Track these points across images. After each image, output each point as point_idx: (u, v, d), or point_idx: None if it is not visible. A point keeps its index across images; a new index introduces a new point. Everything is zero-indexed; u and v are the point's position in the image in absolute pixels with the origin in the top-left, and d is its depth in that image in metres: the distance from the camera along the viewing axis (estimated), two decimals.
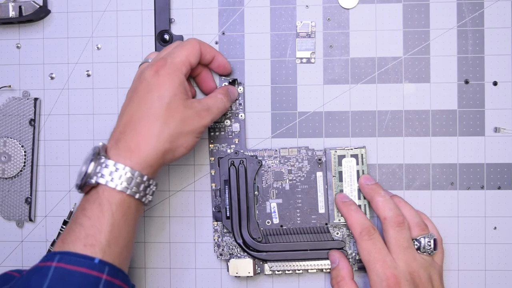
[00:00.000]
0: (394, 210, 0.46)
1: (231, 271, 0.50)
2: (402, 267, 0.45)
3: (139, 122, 0.42)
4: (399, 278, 0.44)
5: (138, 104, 0.43)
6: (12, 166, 0.52)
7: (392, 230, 0.46)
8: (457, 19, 0.50)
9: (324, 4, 0.51)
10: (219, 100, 0.46)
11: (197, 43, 0.46)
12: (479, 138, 0.50)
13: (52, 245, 0.52)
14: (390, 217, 0.46)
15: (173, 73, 0.43)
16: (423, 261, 0.46)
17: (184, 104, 0.43)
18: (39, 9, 0.52)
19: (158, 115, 0.42)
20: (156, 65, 0.44)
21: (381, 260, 0.45)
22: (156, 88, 0.43)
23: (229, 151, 0.51)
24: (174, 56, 0.44)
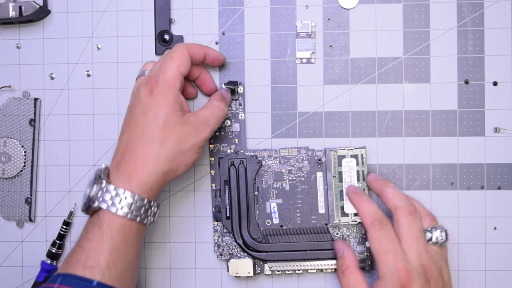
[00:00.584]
0: (405, 200, 0.46)
1: (231, 271, 0.50)
2: (414, 259, 0.44)
3: (136, 145, 0.42)
4: (410, 271, 0.43)
5: (135, 126, 0.43)
6: (12, 166, 0.52)
7: (404, 219, 0.45)
8: (457, 19, 0.50)
9: (324, 4, 0.51)
10: (216, 108, 0.46)
11: (185, 49, 0.46)
12: (479, 138, 0.50)
13: (52, 245, 0.52)
14: (402, 207, 0.45)
15: (167, 91, 0.43)
16: (433, 253, 0.45)
17: (180, 121, 0.43)
18: (39, 9, 0.52)
19: (154, 136, 0.42)
20: (150, 83, 0.44)
21: (393, 251, 0.44)
22: (150, 109, 0.43)
23: (229, 151, 0.51)
24: (165, 71, 0.44)
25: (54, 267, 0.52)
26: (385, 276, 0.43)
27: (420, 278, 0.43)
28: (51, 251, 0.52)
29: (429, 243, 0.45)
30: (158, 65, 0.45)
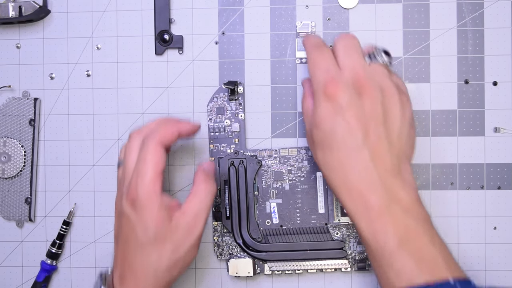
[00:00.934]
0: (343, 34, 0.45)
1: (231, 271, 0.50)
2: (346, 74, 0.42)
3: (133, 262, 0.42)
4: (337, 82, 0.41)
5: (127, 239, 0.42)
6: (12, 166, 0.52)
7: (339, 40, 0.43)
8: (457, 19, 0.50)
9: (324, 4, 0.51)
10: (202, 194, 0.43)
11: (156, 144, 0.42)
12: (479, 138, 0.50)
13: (52, 245, 0.52)
14: (340, 35, 0.44)
15: (148, 201, 0.41)
16: (373, 71, 0.42)
17: (170, 229, 0.42)
18: (39, 9, 0.52)
19: (148, 253, 0.42)
20: (130, 195, 0.41)
21: (325, 67, 0.42)
22: (137, 224, 0.41)
23: (229, 151, 0.51)
24: (142, 178, 0.41)
25: (54, 267, 0.52)
26: (315, 92, 0.42)
27: (348, 90, 0.40)
28: (51, 251, 0.52)
29: (371, 63, 0.43)
30: (135, 170, 0.42)
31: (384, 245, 0.39)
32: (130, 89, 0.52)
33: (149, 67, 0.52)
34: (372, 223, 0.39)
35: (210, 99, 0.51)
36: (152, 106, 0.52)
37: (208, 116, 0.51)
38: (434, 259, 0.38)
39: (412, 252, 0.38)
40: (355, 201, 0.40)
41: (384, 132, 0.41)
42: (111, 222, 0.52)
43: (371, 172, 0.40)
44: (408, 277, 0.37)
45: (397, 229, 0.39)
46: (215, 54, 0.52)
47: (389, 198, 0.40)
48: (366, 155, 0.40)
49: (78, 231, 0.53)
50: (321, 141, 0.41)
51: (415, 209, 0.40)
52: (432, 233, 0.40)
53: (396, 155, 0.41)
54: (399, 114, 0.42)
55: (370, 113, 0.41)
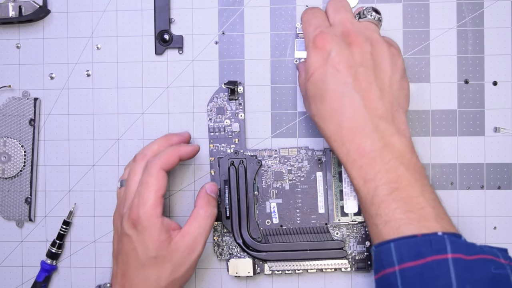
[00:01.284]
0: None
1: (231, 271, 0.50)
2: (335, 27, 0.43)
3: (133, 280, 0.43)
4: (326, 34, 0.42)
5: (127, 259, 0.44)
6: (12, 166, 0.52)
7: (330, 3, 0.45)
8: (457, 19, 0.50)
9: (324, 4, 0.51)
10: (202, 218, 0.45)
11: (159, 169, 0.44)
12: (479, 138, 0.50)
13: (52, 245, 0.52)
14: (329, 2, 0.46)
15: (149, 224, 0.43)
16: (362, 26, 0.43)
17: (170, 251, 0.43)
18: (39, 9, 0.52)
19: (149, 272, 0.43)
20: (131, 217, 0.43)
21: (316, 23, 0.44)
22: (138, 245, 0.43)
23: (229, 151, 0.51)
24: (144, 202, 0.43)
25: (54, 267, 0.52)
26: (306, 47, 0.44)
27: (337, 41, 0.41)
28: (51, 251, 0.52)
29: (361, 20, 0.44)
30: (137, 193, 0.44)
31: (374, 193, 0.39)
32: (130, 89, 0.52)
33: (149, 67, 0.52)
34: (364, 170, 0.39)
35: (210, 99, 0.51)
36: (152, 106, 0.52)
37: (208, 116, 0.51)
38: (423, 210, 0.38)
39: (401, 202, 0.38)
40: (347, 147, 0.40)
41: (374, 79, 0.41)
42: (111, 222, 0.52)
43: (363, 117, 0.40)
44: (396, 226, 0.37)
45: (388, 176, 0.39)
46: (215, 54, 0.52)
47: (381, 143, 0.39)
48: (357, 100, 0.40)
49: (78, 231, 0.53)
50: (314, 93, 0.42)
51: (407, 157, 0.40)
52: (423, 183, 0.39)
53: (388, 102, 0.41)
54: (389, 63, 0.42)
55: (360, 61, 0.41)
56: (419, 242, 0.36)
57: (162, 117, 0.52)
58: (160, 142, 0.47)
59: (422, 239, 0.36)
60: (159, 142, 0.47)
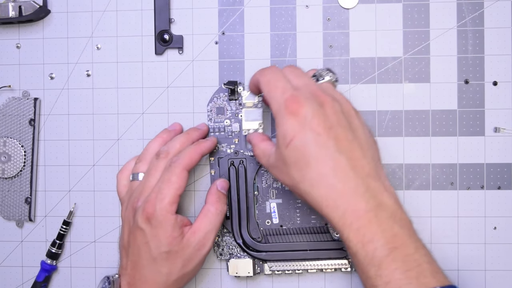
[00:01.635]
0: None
1: (231, 271, 0.50)
2: (302, 89, 0.42)
3: (144, 272, 0.45)
4: (298, 97, 0.40)
5: (139, 252, 0.45)
6: (12, 166, 0.52)
7: (288, 66, 0.45)
8: (457, 19, 0.50)
9: (324, 4, 0.51)
10: (213, 215, 0.46)
11: (183, 169, 0.45)
12: (479, 138, 0.50)
13: (52, 245, 0.52)
14: (283, 69, 0.45)
15: (164, 220, 0.44)
16: (325, 86, 0.44)
17: (182, 247, 0.45)
18: (39, 9, 0.52)
19: (160, 266, 0.44)
20: (146, 211, 0.44)
21: (281, 86, 0.42)
22: (151, 239, 0.44)
23: (229, 151, 0.51)
24: (162, 197, 0.44)
25: (54, 267, 0.52)
26: (276, 112, 0.41)
27: (310, 102, 0.40)
28: (51, 251, 0.52)
29: (319, 83, 0.44)
30: (156, 188, 0.45)
31: (373, 254, 0.38)
32: (130, 89, 0.52)
33: (149, 67, 0.52)
34: (361, 232, 0.39)
35: (210, 99, 0.51)
36: (152, 106, 0.52)
37: (208, 116, 0.51)
38: (420, 267, 0.38)
39: (400, 261, 0.38)
40: (342, 211, 0.39)
41: (353, 138, 0.41)
42: (111, 222, 0.52)
43: (354, 178, 0.39)
44: (397, 286, 0.37)
45: (386, 237, 0.38)
46: (215, 54, 0.52)
47: (375, 203, 0.39)
48: (344, 162, 0.39)
49: (78, 231, 0.53)
50: (296, 160, 0.40)
51: (398, 214, 0.40)
52: (416, 239, 0.40)
53: (371, 159, 0.41)
54: (358, 120, 0.43)
55: (336, 121, 0.40)
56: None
57: (162, 117, 0.52)
58: (182, 140, 0.48)
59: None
60: (181, 140, 0.48)
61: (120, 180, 0.49)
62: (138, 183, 0.47)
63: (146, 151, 0.49)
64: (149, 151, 0.49)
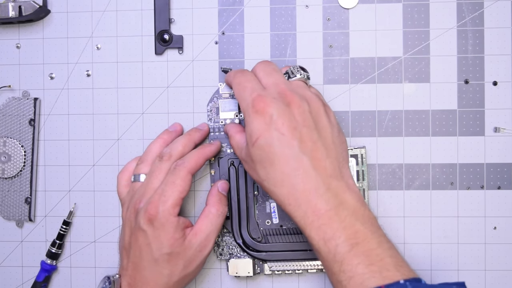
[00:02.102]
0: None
1: (230, 271, 0.50)
2: (270, 89, 0.43)
3: (145, 273, 0.45)
4: (264, 97, 0.42)
5: (140, 253, 0.45)
6: (12, 166, 0.52)
7: (258, 65, 0.45)
8: (457, 19, 0.50)
9: (324, 4, 0.51)
10: (214, 217, 0.46)
11: (187, 173, 0.46)
12: (479, 138, 0.50)
13: (52, 245, 0.52)
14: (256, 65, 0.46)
15: (167, 222, 0.44)
16: (295, 85, 0.44)
17: (183, 249, 0.45)
18: (39, 9, 0.52)
19: (162, 267, 0.45)
20: (149, 213, 0.44)
21: (249, 87, 0.43)
22: (153, 241, 0.44)
23: (229, 151, 0.51)
24: (165, 200, 0.44)
25: (54, 267, 0.52)
26: (244, 112, 0.43)
27: (276, 102, 0.41)
28: (51, 251, 0.52)
29: (291, 80, 0.45)
30: (159, 190, 0.45)
31: (335, 251, 0.39)
32: (130, 89, 0.52)
33: (149, 67, 0.52)
34: (322, 230, 0.40)
35: (210, 99, 0.51)
36: (152, 106, 0.52)
37: (208, 116, 0.51)
38: (383, 261, 0.39)
39: (362, 256, 0.39)
40: (303, 210, 0.40)
41: (318, 138, 0.42)
42: (111, 222, 0.52)
43: (315, 178, 0.40)
44: (360, 281, 0.38)
45: (347, 233, 0.39)
46: (215, 54, 0.52)
47: (336, 202, 0.40)
48: (306, 162, 0.40)
49: (78, 231, 0.53)
50: (261, 158, 0.41)
51: (361, 211, 0.41)
52: (379, 234, 0.40)
53: (335, 159, 0.42)
54: (326, 120, 0.43)
55: (301, 121, 0.41)
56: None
57: (162, 117, 0.52)
58: (184, 141, 0.48)
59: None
60: (183, 142, 0.48)
61: (120, 181, 0.49)
62: (140, 184, 0.47)
63: (147, 153, 0.49)
64: (151, 153, 0.49)
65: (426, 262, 0.50)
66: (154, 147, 0.49)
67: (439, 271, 0.50)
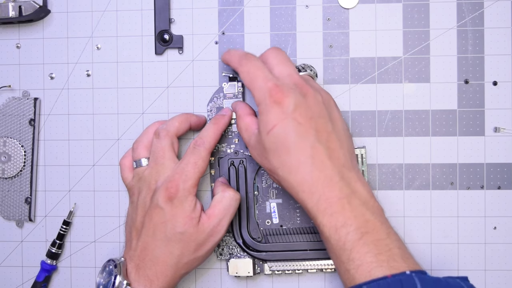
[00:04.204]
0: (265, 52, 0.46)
1: (231, 271, 0.50)
2: (285, 79, 0.43)
3: (156, 252, 0.45)
4: (281, 87, 0.42)
5: (154, 231, 0.45)
6: (12, 166, 0.52)
7: (268, 51, 0.45)
8: (457, 19, 0.50)
9: (324, 4, 0.51)
10: (227, 202, 0.46)
11: (209, 153, 0.47)
12: (479, 138, 0.50)
13: (52, 245, 0.52)
14: (266, 51, 0.46)
15: (186, 201, 0.45)
16: (307, 78, 0.45)
17: (197, 231, 0.45)
18: (39, 9, 0.52)
19: (173, 247, 0.45)
20: (169, 190, 0.45)
21: (262, 75, 0.43)
22: (170, 219, 0.45)
23: (229, 151, 0.51)
24: (186, 179, 0.45)
25: (54, 267, 0.52)
26: (259, 101, 0.43)
27: (293, 92, 0.42)
28: (51, 251, 0.52)
29: (300, 73, 0.45)
30: (179, 170, 0.45)
31: (345, 238, 0.40)
32: (130, 89, 0.52)
33: (149, 67, 0.52)
34: (334, 217, 0.40)
35: (210, 99, 0.51)
36: (152, 106, 0.52)
37: (208, 116, 0.51)
38: (391, 251, 0.39)
39: (371, 245, 0.39)
40: (317, 197, 0.41)
41: (332, 129, 0.43)
42: (111, 222, 0.52)
43: (329, 167, 0.41)
44: (368, 270, 0.39)
45: (358, 222, 0.40)
46: (215, 54, 0.52)
47: (348, 191, 0.41)
48: (322, 151, 0.41)
49: (78, 231, 0.53)
50: (276, 147, 0.42)
51: (371, 202, 0.42)
52: (387, 225, 0.41)
53: (347, 151, 0.43)
54: (338, 113, 0.45)
55: (317, 112, 0.42)
56: (390, 283, 0.38)
57: (162, 117, 0.52)
58: (180, 119, 0.48)
59: (393, 280, 0.38)
60: (180, 119, 0.48)
61: (123, 167, 0.50)
62: (145, 168, 0.47)
63: (143, 135, 0.49)
64: (147, 134, 0.49)
65: (426, 262, 0.50)
66: (150, 129, 0.49)
67: (439, 271, 0.50)
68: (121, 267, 0.45)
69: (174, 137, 0.48)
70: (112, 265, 0.45)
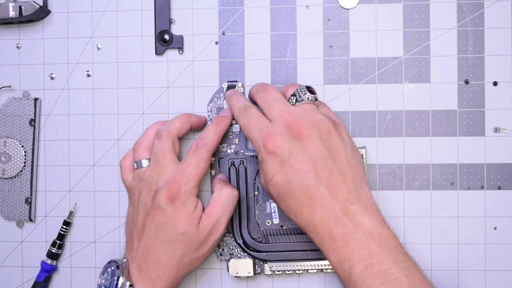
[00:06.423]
0: (257, 85, 0.47)
1: (231, 271, 0.50)
2: (276, 124, 0.43)
3: (157, 254, 0.45)
4: (273, 135, 0.43)
5: (156, 232, 0.45)
6: (12, 166, 0.52)
7: (258, 95, 0.46)
8: (457, 19, 0.50)
9: (324, 4, 0.51)
10: (225, 199, 0.47)
11: (210, 154, 0.47)
12: (479, 138, 0.50)
13: (52, 245, 0.52)
14: (255, 89, 0.47)
15: (187, 202, 0.45)
16: (300, 111, 0.44)
17: (197, 231, 0.45)
18: (39, 9, 0.52)
19: (175, 248, 0.45)
20: (171, 191, 0.45)
21: (256, 126, 0.44)
22: (171, 220, 0.45)
23: (229, 151, 0.51)
24: (188, 180, 0.45)
25: (54, 267, 0.52)
26: (257, 151, 0.44)
27: (285, 139, 0.42)
28: (51, 251, 0.52)
29: (298, 104, 0.45)
30: (180, 171, 0.46)
31: (349, 272, 0.41)
32: (130, 89, 0.52)
33: (149, 67, 0.52)
34: (338, 252, 0.42)
35: (210, 99, 0.51)
36: (152, 106, 0.52)
37: (208, 116, 0.51)
38: (397, 281, 0.40)
39: (375, 276, 0.40)
40: (321, 236, 0.42)
41: (333, 164, 0.43)
42: (111, 222, 0.52)
43: (332, 205, 0.42)
44: None
45: (361, 254, 0.41)
46: (215, 54, 0.52)
47: (352, 225, 0.42)
48: (323, 191, 0.42)
49: (78, 231, 0.53)
50: (278, 194, 0.43)
51: (378, 232, 0.42)
52: (396, 253, 0.41)
53: (351, 182, 0.43)
54: (340, 141, 0.44)
55: (314, 152, 0.42)
56: None
57: (162, 117, 0.52)
58: (181, 119, 0.49)
59: None
60: (181, 120, 0.49)
61: (123, 167, 0.50)
62: (146, 169, 0.48)
63: (144, 136, 0.49)
64: (148, 135, 0.49)
65: (426, 262, 0.50)
66: (151, 130, 0.49)
67: (439, 271, 0.50)
68: (124, 268, 0.45)
69: (175, 138, 0.48)
70: (114, 266, 0.45)
